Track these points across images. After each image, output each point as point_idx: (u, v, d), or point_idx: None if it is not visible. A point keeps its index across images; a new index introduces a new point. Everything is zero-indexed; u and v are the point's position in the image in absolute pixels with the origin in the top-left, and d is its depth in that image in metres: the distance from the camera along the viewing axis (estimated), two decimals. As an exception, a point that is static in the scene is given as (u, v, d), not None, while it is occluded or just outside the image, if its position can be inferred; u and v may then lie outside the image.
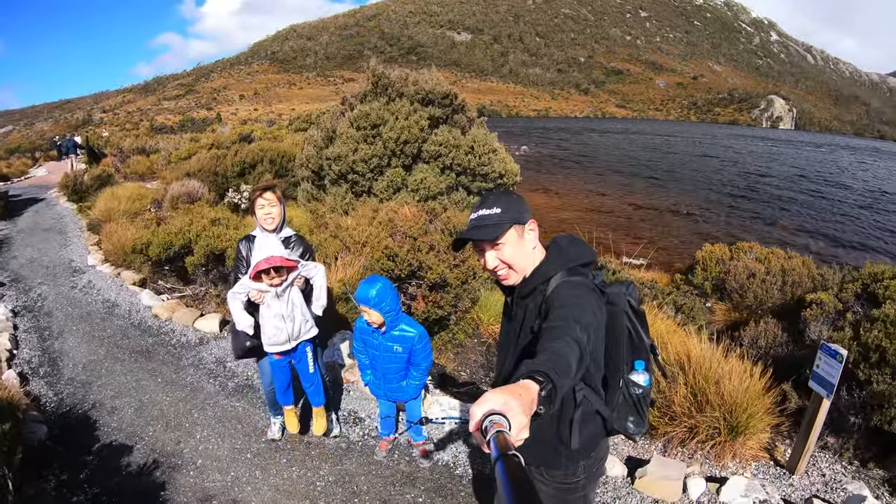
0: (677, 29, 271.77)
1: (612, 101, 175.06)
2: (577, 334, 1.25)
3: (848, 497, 3.11)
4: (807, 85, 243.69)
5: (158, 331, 5.10)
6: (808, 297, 4.73)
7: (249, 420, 3.64)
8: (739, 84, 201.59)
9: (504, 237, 1.54)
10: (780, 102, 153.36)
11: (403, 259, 5.08)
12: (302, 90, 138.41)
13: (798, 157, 47.45)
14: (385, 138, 7.99)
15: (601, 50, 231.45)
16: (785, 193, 24.95)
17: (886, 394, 3.41)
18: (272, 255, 2.70)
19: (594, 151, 40.95)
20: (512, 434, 0.86)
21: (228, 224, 6.00)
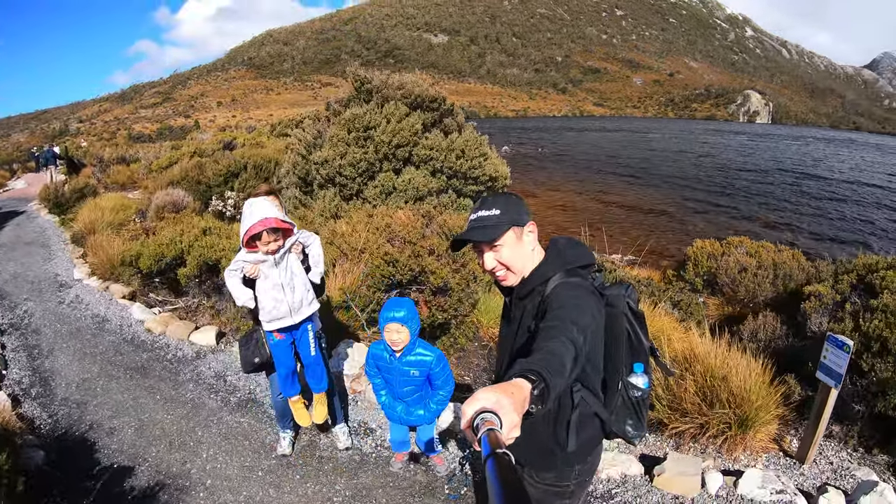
0: (653, 26, 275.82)
1: (589, 99, 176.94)
2: (573, 335, 1.25)
3: (859, 483, 3.16)
4: (782, 79, 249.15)
5: (153, 345, 4.96)
6: (807, 290, 4.78)
7: (257, 436, 3.54)
8: (716, 80, 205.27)
9: (502, 238, 1.55)
10: (756, 97, 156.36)
11: (405, 264, 5.03)
12: (280, 95, 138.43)
13: (776, 151, 48.25)
14: (377, 141, 7.93)
15: (578, 49, 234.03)
16: (764, 188, 25.38)
17: (889, 381, 3.46)
18: (266, 217, 2.56)
19: (573, 150, 41.11)
20: (503, 432, 0.85)
21: (220, 233, 5.87)
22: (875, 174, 33.60)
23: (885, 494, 2.91)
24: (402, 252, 5.27)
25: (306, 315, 2.86)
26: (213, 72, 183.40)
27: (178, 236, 5.49)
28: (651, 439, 3.68)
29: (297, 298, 2.78)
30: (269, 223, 2.56)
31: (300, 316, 2.83)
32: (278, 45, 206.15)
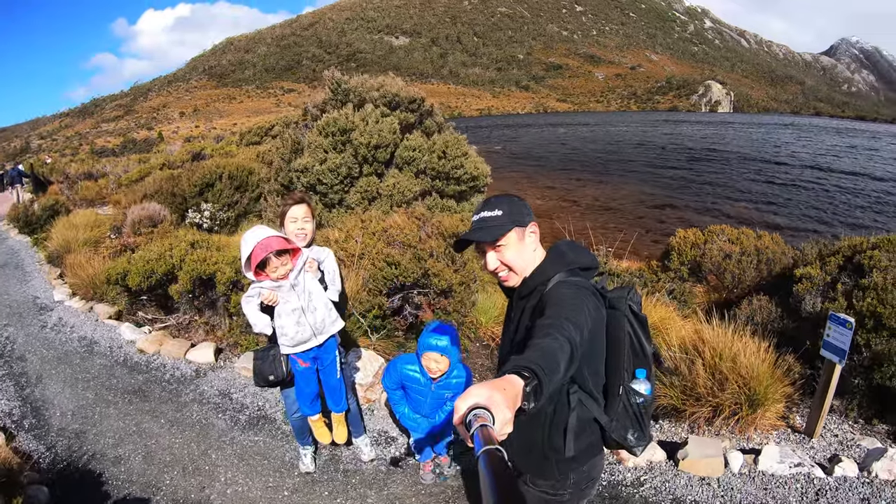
0: (613, 21, 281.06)
1: (553, 95, 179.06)
2: (568, 332, 1.23)
3: (868, 451, 3.30)
4: (742, 68, 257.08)
5: (147, 366, 4.78)
6: (798, 273, 4.90)
7: (275, 454, 3.44)
8: (677, 71, 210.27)
9: (505, 239, 1.57)
10: (717, 87, 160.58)
11: (407, 268, 4.98)
12: (242, 104, 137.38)
13: (739, 139, 49.64)
14: (356, 144, 7.82)
15: (539, 46, 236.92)
16: (729, 176, 26.06)
17: (885, 354, 3.61)
18: (265, 238, 2.40)
19: (540, 147, 41.26)
20: (495, 428, 0.85)
21: (210, 245, 5.70)
22: (836, 158, 34.83)
23: (895, 459, 3.04)
24: (404, 255, 5.23)
25: (331, 333, 2.77)
26: (174, 82, 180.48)
27: (166, 251, 5.30)
28: (666, 426, 3.75)
29: (319, 319, 2.68)
30: (269, 246, 2.41)
31: (325, 335, 2.73)
32: (239, 53, 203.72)
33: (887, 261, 4.12)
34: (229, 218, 10.11)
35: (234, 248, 6.03)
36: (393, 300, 5.25)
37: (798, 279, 4.82)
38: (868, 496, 2.91)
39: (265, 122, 20.97)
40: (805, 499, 2.94)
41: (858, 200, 19.86)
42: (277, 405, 4.04)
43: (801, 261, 5.80)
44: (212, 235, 7.06)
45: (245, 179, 10.65)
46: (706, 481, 3.11)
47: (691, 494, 3.02)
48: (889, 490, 2.94)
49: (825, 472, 3.11)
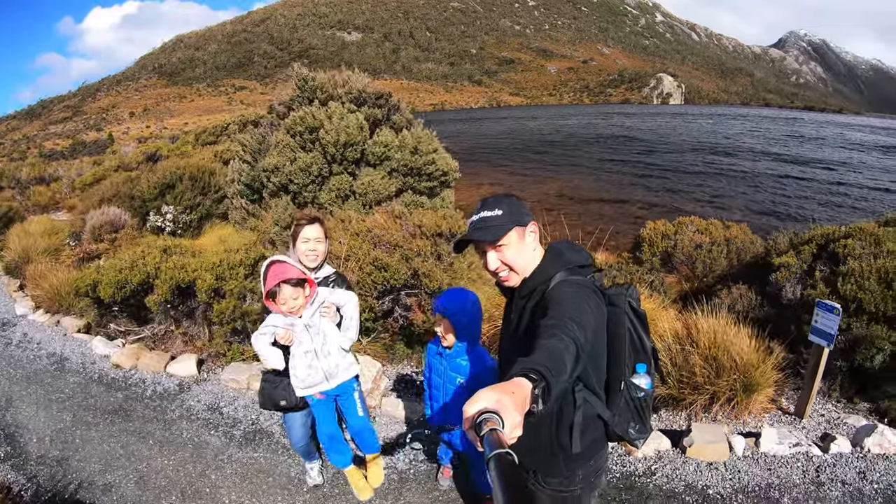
0: (565, 16, 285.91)
1: (505, 89, 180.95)
2: (573, 332, 1.24)
3: (858, 428, 3.47)
4: (693, 61, 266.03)
5: (126, 383, 4.52)
6: (776, 262, 5.06)
7: (278, 470, 3.30)
8: (629, 65, 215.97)
9: (506, 238, 1.57)
10: (668, 80, 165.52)
11: (397, 269, 4.89)
12: (193, 102, 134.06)
13: (690, 130, 51.08)
14: (324, 143, 7.64)
15: (492, 41, 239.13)
16: (683, 167, 26.71)
17: (866, 336, 3.78)
18: (281, 266, 2.32)
19: (494, 142, 40.82)
20: (505, 432, 0.86)
21: (185, 251, 5.46)
22: (785, 148, 36.27)
23: (885, 434, 3.26)
24: (392, 256, 5.13)
25: (344, 379, 2.68)
26: (124, 82, 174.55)
27: (139, 259, 5.02)
28: (664, 415, 3.85)
29: (333, 364, 2.59)
30: (281, 274, 2.30)
31: (337, 380, 2.64)
32: (189, 51, 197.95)
33: (860, 249, 4.32)
34: (192, 221, 9.75)
35: (212, 253, 5.80)
36: (383, 302, 5.16)
37: (776, 268, 4.99)
38: (864, 470, 3.08)
39: (220, 121, 20.36)
40: (807, 476, 3.07)
41: (807, 191, 20.71)
42: (273, 417, 3.89)
43: (775, 250, 5.99)
44: (183, 240, 6.76)
45: (207, 181, 10.28)
46: (714, 466, 3.21)
47: (702, 479, 3.11)
48: (882, 463, 3.12)
49: (822, 450, 3.27)
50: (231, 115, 21.96)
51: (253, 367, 4.69)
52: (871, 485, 2.95)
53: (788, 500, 2.90)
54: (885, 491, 2.90)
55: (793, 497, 2.91)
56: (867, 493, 2.90)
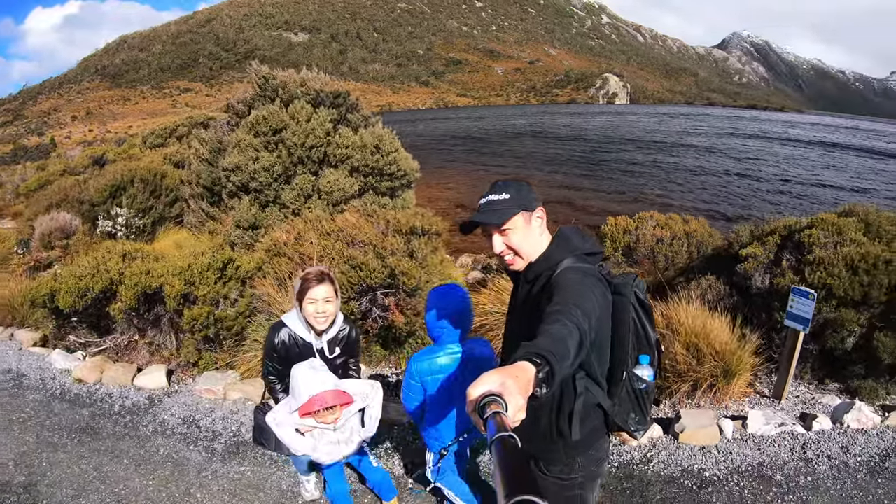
0: (512, 17, 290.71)
1: (453, 90, 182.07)
2: (577, 319, 1.25)
3: (836, 406, 3.67)
4: (638, 61, 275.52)
5: (91, 398, 4.20)
6: (743, 252, 5.20)
7: (268, 484, 3.14)
8: (575, 65, 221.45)
9: (511, 222, 1.59)
10: (614, 80, 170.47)
11: (374, 269, 4.78)
12: (137, 105, 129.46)
13: (635, 128, 52.66)
14: (289, 144, 7.46)
15: (439, 42, 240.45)
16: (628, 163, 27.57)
17: (837, 320, 3.99)
18: (322, 393, 2.18)
19: (442, 142, 40.53)
20: (508, 415, 0.86)
21: (147, 256, 5.16)
22: (726, 145, 37.99)
23: (862, 410, 3.47)
24: (367, 255, 5.02)
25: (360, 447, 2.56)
26: (66, 84, 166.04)
27: (100, 265, 4.69)
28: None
29: (354, 450, 2.46)
30: (324, 401, 2.18)
31: (351, 454, 2.52)
32: (133, 52, 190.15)
33: (824, 238, 4.55)
34: (145, 225, 9.34)
35: (177, 257, 5.50)
36: (361, 303, 5.04)
37: (744, 258, 5.13)
38: (846, 444, 3.26)
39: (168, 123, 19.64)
40: (794, 453, 3.23)
41: (751, 187, 21.67)
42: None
43: (738, 242, 6.20)
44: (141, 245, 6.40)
45: (158, 183, 9.87)
46: (706, 449, 3.31)
47: (697, 463, 3.20)
48: (861, 437, 3.31)
49: (805, 429, 3.42)
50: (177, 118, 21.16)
51: (228, 375, 4.49)
52: (854, 458, 3.13)
53: (781, 476, 3.03)
54: (867, 463, 3.09)
55: (784, 473, 3.04)
56: (852, 466, 3.07)
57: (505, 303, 4.66)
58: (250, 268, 5.12)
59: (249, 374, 4.52)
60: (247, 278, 5.04)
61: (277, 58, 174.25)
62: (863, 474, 3.00)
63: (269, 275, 5.13)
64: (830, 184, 22.64)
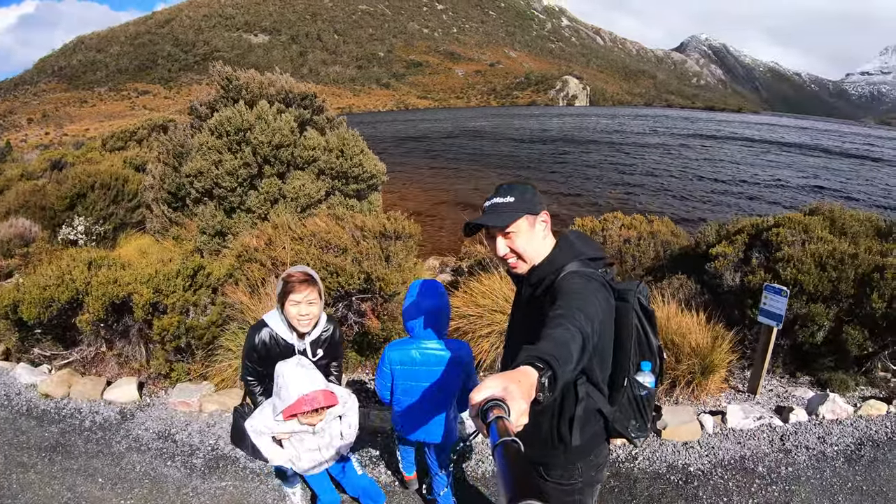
0: (473, 19, 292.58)
1: (413, 92, 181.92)
2: (580, 323, 1.25)
3: (811, 398, 3.83)
4: (598, 64, 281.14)
5: (60, 414, 3.98)
6: (713, 251, 5.31)
7: (252, 498, 3.03)
8: (535, 68, 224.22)
9: (515, 226, 1.58)
10: (574, 82, 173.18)
11: (352, 274, 4.71)
12: (95, 107, 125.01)
13: (595, 130, 53.61)
14: (255, 144, 7.29)
15: (400, 44, 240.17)
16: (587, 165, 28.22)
17: (808, 315, 4.13)
18: (313, 393, 2.11)
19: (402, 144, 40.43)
20: (511, 420, 0.86)
21: (114, 263, 4.94)
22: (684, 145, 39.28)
23: (836, 401, 3.63)
24: (345, 261, 4.94)
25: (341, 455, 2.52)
26: (21, 85, 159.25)
27: (65, 274, 4.46)
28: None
29: (335, 455, 2.42)
30: (316, 402, 2.10)
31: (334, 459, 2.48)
32: (91, 53, 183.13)
33: (792, 236, 4.75)
34: (106, 231, 9.03)
35: (144, 264, 5.28)
36: (337, 308, 4.95)
37: (714, 257, 5.23)
38: (822, 435, 3.41)
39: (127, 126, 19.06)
40: (773, 445, 3.35)
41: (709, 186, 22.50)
42: None
43: (704, 241, 6.35)
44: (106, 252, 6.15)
45: (120, 188, 9.54)
46: (689, 445, 3.40)
47: (681, 459, 3.28)
48: (836, 427, 3.47)
49: (782, 421, 3.56)
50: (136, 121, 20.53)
51: (203, 387, 4.33)
52: (831, 447, 3.28)
53: (763, 468, 3.14)
54: (844, 451, 3.24)
55: (766, 465, 3.16)
56: (829, 455, 3.21)
57: (479, 305, 4.69)
58: (221, 275, 4.97)
59: (224, 384, 4.38)
60: (218, 286, 4.89)
61: (237, 59, 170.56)
62: (840, 463, 3.14)
63: (241, 281, 4.99)
64: (786, 183, 23.62)
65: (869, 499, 2.87)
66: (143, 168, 10.45)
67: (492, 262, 5.74)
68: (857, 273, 4.02)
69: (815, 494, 2.91)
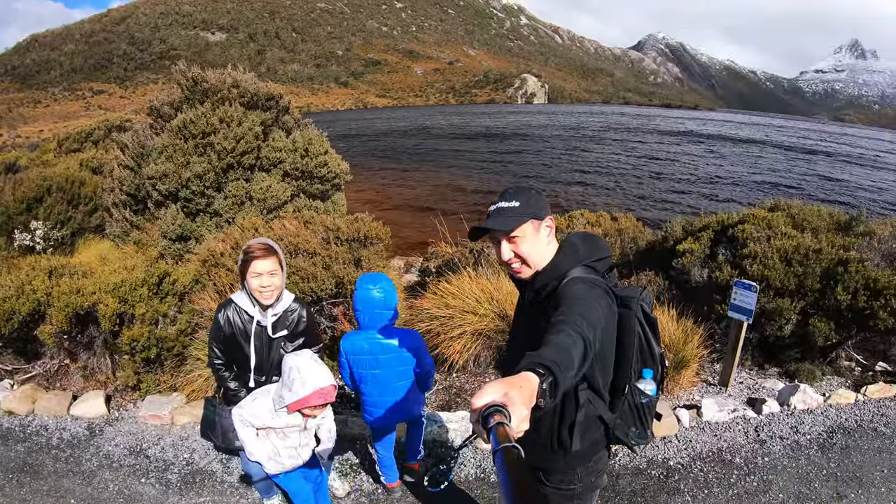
0: (432, 18, 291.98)
1: (372, 91, 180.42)
2: (582, 329, 1.26)
3: (781, 389, 4.00)
4: (556, 62, 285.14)
5: (25, 432, 3.75)
6: (680, 248, 5.44)
7: (234, 512, 2.95)
8: (494, 66, 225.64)
9: (520, 230, 1.58)
10: (532, 80, 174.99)
11: (322, 279, 4.62)
12: (49, 108, 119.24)
13: (553, 127, 54.13)
14: (219, 149, 7.10)
15: (359, 42, 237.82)
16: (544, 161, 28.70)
17: (775, 309, 4.31)
18: (329, 387, 2.14)
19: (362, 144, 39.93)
20: (512, 426, 0.87)
21: (76, 272, 4.70)
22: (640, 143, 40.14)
23: (806, 391, 3.81)
24: (315, 265, 4.85)
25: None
26: None
27: (25, 284, 4.20)
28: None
29: (309, 454, 2.44)
30: (327, 396, 2.13)
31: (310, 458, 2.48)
32: (45, 52, 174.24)
33: (756, 232, 4.95)
34: (64, 237, 8.62)
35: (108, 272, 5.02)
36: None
37: (681, 253, 5.36)
38: (795, 424, 3.58)
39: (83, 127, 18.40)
40: (749, 436, 3.50)
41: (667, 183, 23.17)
42: (210, 453, 3.49)
43: (671, 237, 6.47)
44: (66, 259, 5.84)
45: (77, 192, 9.17)
46: (667, 439, 3.50)
47: (660, 453, 3.38)
48: (808, 417, 3.65)
49: (755, 412, 3.72)
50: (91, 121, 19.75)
51: (174, 398, 4.18)
52: (804, 436, 3.45)
53: (740, 459, 3.28)
54: (816, 440, 3.42)
55: (743, 456, 3.30)
56: (803, 444, 3.38)
57: (450, 306, 4.68)
58: (187, 281, 4.80)
59: (196, 395, 4.24)
60: (185, 293, 4.73)
61: (193, 58, 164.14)
62: (814, 451, 3.31)
63: (209, 287, 4.83)
64: (741, 180, 24.49)
65: (844, 484, 3.03)
66: (99, 170, 10.09)
67: (461, 262, 5.75)
68: (822, 267, 4.21)
69: (791, 482, 3.06)
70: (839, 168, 30.49)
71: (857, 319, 4.06)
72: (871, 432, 3.50)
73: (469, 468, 3.28)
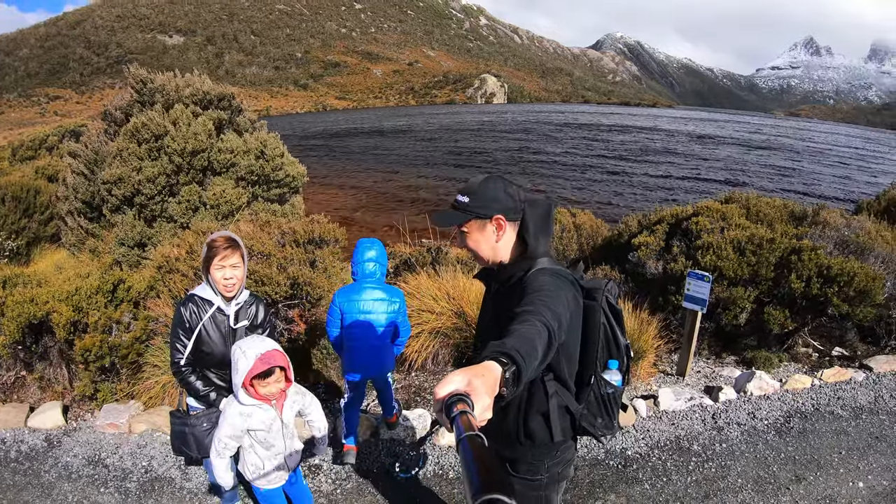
0: (391, 19, 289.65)
1: (331, 93, 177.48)
2: (546, 320, 1.26)
3: (738, 377, 4.16)
4: (515, 62, 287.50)
5: (-20, 447, 3.59)
6: (636, 241, 5.60)
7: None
8: (453, 67, 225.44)
9: (467, 225, 1.63)
10: (492, 80, 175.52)
11: (278, 282, 4.57)
12: (3, 115, 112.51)
13: (511, 127, 53.65)
14: (169, 151, 6.93)
15: (318, 44, 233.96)
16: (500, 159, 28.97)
17: (729, 298, 4.48)
18: (269, 351, 2.06)
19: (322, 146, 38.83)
20: (475, 414, 0.87)
21: (29, 281, 4.51)
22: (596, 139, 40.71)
23: (762, 377, 3.99)
24: (270, 267, 4.79)
25: None
26: None
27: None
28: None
29: (297, 461, 2.41)
30: (275, 359, 2.07)
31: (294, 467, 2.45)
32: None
33: (710, 224, 5.16)
34: (20, 247, 8.33)
35: (62, 280, 4.84)
36: (266, 317, 4.80)
37: (637, 247, 5.52)
38: (752, 410, 3.74)
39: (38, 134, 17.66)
40: (706, 424, 3.63)
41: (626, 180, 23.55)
42: (169, 460, 3.43)
43: (627, 231, 6.59)
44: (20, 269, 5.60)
45: (31, 200, 8.86)
46: (625, 430, 3.59)
47: (618, 444, 3.46)
48: (765, 402, 3.82)
49: (712, 400, 3.88)
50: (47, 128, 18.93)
51: (131, 406, 4.07)
52: (761, 422, 3.61)
53: (698, 446, 3.40)
54: (773, 425, 3.57)
55: (700, 443, 3.42)
56: (760, 429, 3.53)
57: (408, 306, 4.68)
58: (142, 288, 4.69)
59: (153, 402, 4.16)
60: (140, 299, 4.62)
61: (151, 61, 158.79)
62: (771, 435, 3.46)
63: (164, 294, 4.72)
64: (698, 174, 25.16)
65: (802, 467, 3.16)
66: (55, 178, 9.92)
67: (418, 262, 5.77)
68: (776, 256, 4.38)
69: (749, 467, 3.18)
70: (794, 160, 31.75)
71: (812, 306, 4.24)
72: (828, 415, 3.67)
73: (428, 465, 3.30)
